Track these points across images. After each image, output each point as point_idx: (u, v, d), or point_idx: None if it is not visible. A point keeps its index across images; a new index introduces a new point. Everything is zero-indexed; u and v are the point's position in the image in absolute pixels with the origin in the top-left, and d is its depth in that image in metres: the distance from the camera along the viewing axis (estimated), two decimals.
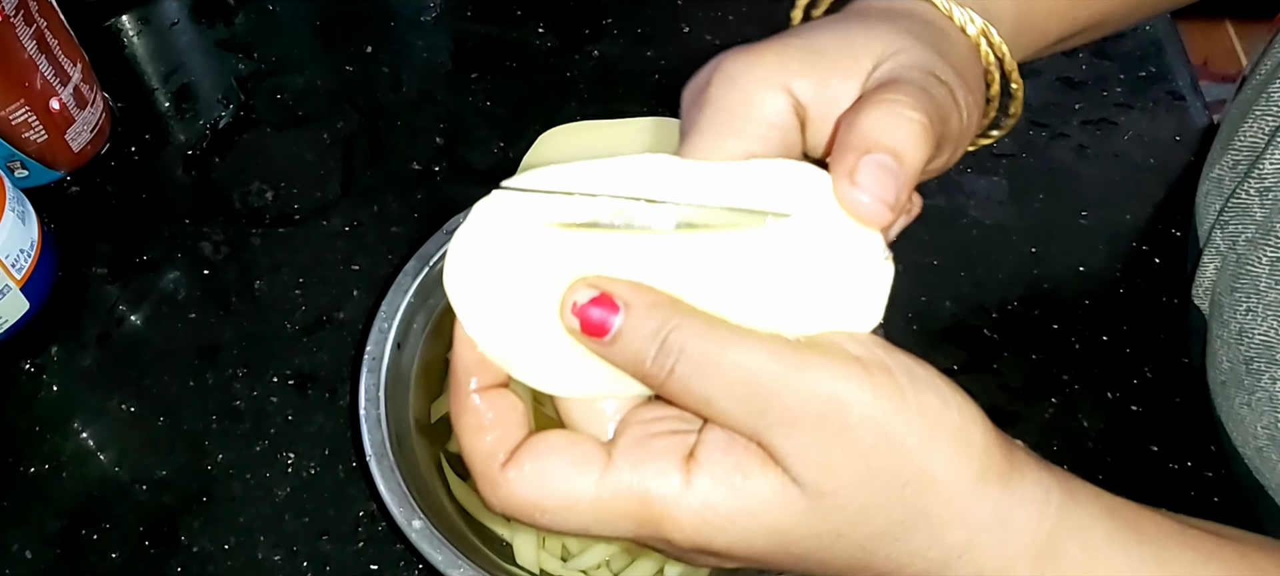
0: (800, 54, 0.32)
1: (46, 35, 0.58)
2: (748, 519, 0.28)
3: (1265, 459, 0.47)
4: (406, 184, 0.64)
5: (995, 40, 0.36)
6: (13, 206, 0.55)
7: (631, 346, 0.28)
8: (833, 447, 0.27)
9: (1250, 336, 0.47)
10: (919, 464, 0.28)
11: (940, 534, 0.28)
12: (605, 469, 0.28)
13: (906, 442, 0.27)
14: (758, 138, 0.31)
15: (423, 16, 0.72)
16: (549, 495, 0.29)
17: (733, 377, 0.27)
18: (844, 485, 0.28)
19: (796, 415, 0.27)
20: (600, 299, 0.28)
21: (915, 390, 0.28)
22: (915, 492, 0.28)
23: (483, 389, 0.30)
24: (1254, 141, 0.51)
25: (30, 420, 0.55)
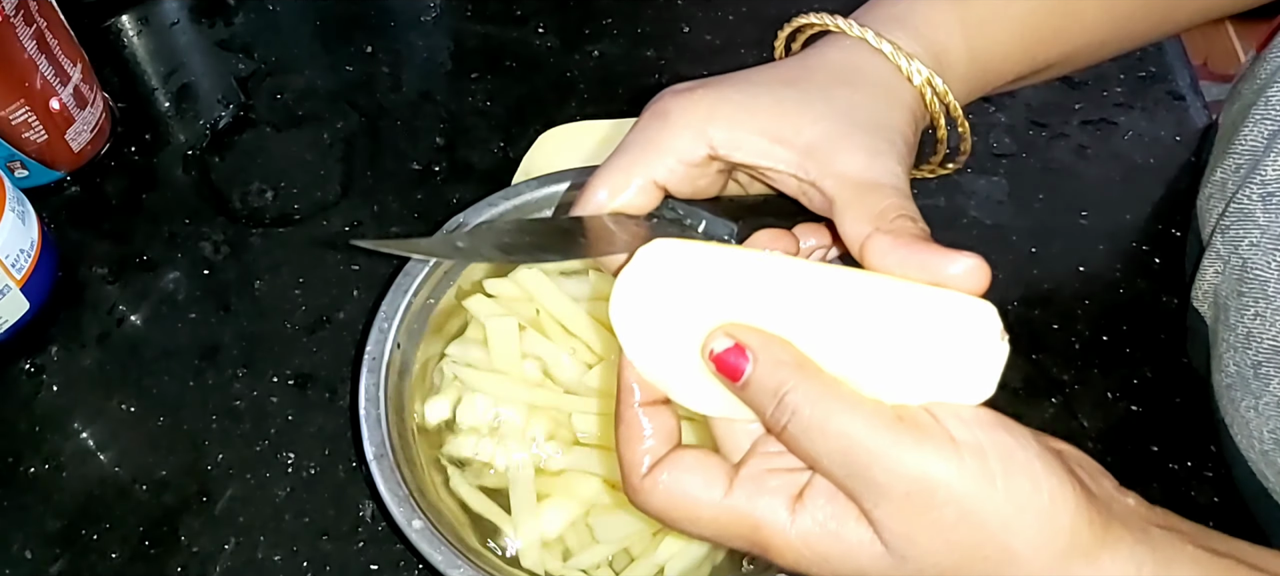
0: (733, 108, 0.37)
1: (46, 35, 0.58)
2: (840, 560, 0.32)
3: (1270, 462, 0.47)
4: (406, 184, 0.64)
5: (939, 88, 0.39)
6: (13, 206, 0.55)
7: (756, 396, 0.32)
8: (917, 521, 0.30)
9: (1259, 340, 0.47)
10: (1001, 540, 0.30)
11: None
12: (726, 492, 0.33)
13: (989, 524, 0.30)
14: (665, 170, 0.37)
15: (423, 16, 0.72)
16: (677, 505, 0.33)
17: (835, 445, 0.31)
18: (925, 553, 0.31)
19: (886, 488, 0.30)
20: (735, 348, 0.32)
21: (1006, 476, 0.30)
22: (996, 565, 0.30)
23: (645, 404, 0.34)
24: (1254, 145, 0.51)
25: (30, 420, 0.55)
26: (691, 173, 0.38)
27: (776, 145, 0.37)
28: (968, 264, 0.32)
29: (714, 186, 0.39)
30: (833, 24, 0.40)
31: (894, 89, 0.39)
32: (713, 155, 0.37)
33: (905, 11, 0.40)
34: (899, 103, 0.38)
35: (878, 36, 0.39)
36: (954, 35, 0.40)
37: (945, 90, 0.39)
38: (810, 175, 0.36)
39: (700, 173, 0.38)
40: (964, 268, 0.32)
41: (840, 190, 0.35)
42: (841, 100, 0.37)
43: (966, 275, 0.32)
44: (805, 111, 0.37)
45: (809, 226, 0.38)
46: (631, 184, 0.37)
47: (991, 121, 0.66)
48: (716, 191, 0.40)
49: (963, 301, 0.32)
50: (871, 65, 0.39)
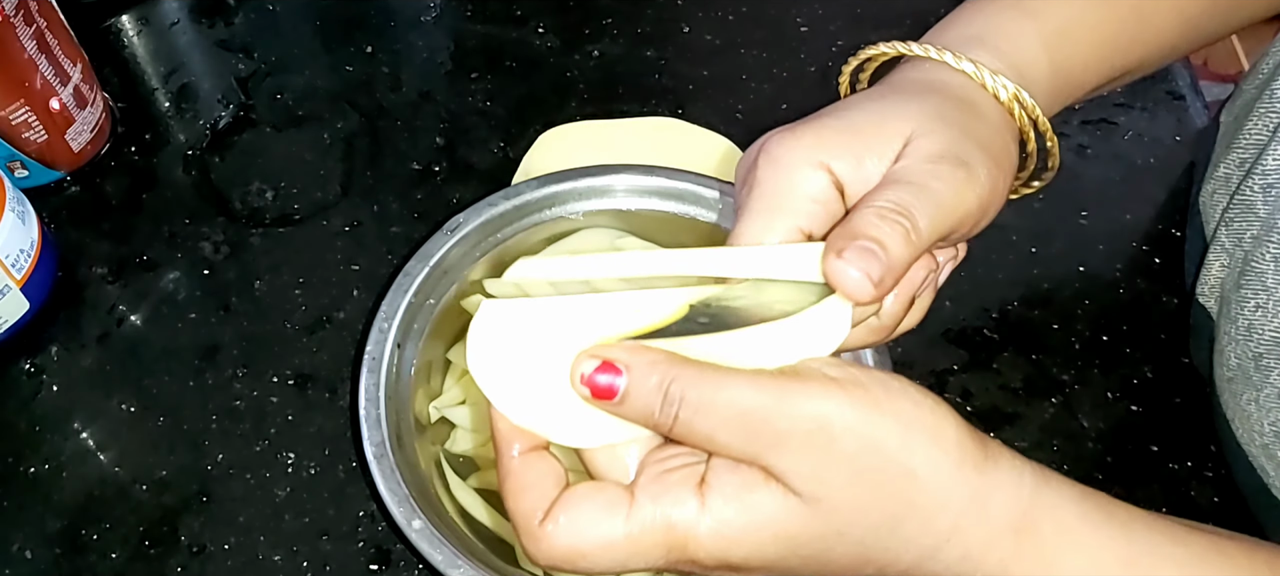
0: (837, 133, 0.36)
1: (46, 35, 0.58)
2: (758, 530, 0.31)
3: (1271, 455, 0.47)
4: (406, 184, 0.64)
5: (1027, 103, 0.38)
6: (13, 206, 0.55)
7: (639, 403, 0.31)
8: (821, 460, 0.31)
9: (1260, 333, 0.47)
10: (901, 460, 0.31)
11: (928, 520, 0.31)
12: (630, 507, 0.31)
13: (887, 444, 0.31)
14: (803, 214, 0.36)
15: (423, 16, 0.72)
16: (585, 541, 0.31)
17: (727, 414, 0.31)
18: (836, 489, 0.31)
19: (785, 436, 0.30)
20: (604, 366, 0.31)
21: (889, 398, 0.31)
22: (903, 486, 0.31)
23: (523, 453, 0.33)
24: (1258, 139, 0.51)
25: (30, 420, 0.55)
26: (828, 211, 0.36)
27: (888, 155, 0.36)
28: (833, 302, 0.32)
29: (835, 219, 0.37)
30: (906, 49, 0.39)
31: (979, 104, 0.38)
32: (838, 185, 0.36)
33: (982, 30, 0.40)
34: (985, 117, 0.38)
35: (958, 57, 0.38)
36: (1035, 51, 0.40)
37: (1033, 105, 0.38)
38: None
39: (836, 210, 0.36)
40: (830, 305, 0.32)
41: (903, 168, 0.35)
42: (935, 102, 0.37)
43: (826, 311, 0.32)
44: (902, 110, 0.36)
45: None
46: (776, 236, 0.36)
47: None
48: None
49: (796, 252, 0.33)
50: (954, 81, 0.38)
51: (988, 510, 0.32)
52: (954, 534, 0.32)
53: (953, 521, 0.31)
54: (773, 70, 0.68)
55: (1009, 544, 0.32)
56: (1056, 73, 0.40)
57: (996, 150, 0.37)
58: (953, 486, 0.31)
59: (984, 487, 0.32)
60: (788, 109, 0.66)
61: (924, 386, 0.33)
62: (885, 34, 0.72)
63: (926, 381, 0.55)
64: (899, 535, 0.31)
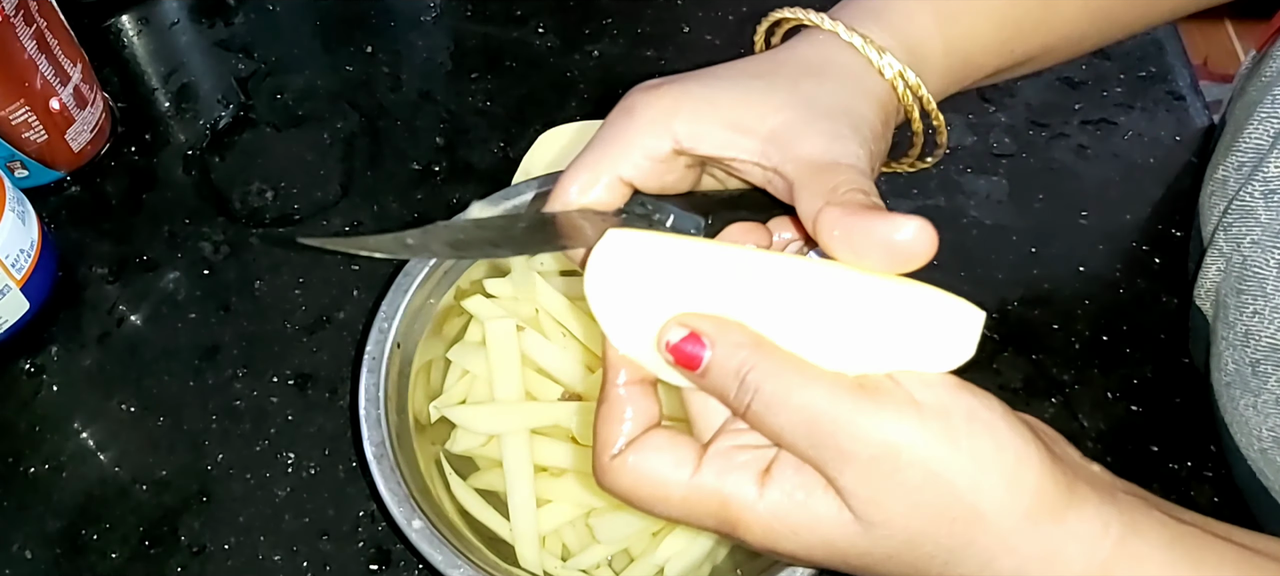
0: (695, 102, 0.37)
1: (46, 35, 0.58)
2: (808, 532, 0.31)
3: (1270, 460, 0.47)
4: (406, 184, 0.64)
5: (912, 82, 0.39)
6: (13, 206, 0.55)
7: (717, 380, 0.32)
8: (882, 485, 0.30)
9: (1257, 338, 0.47)
10: (968, 501, 0.30)
11: (988, 561, 0.31)
12: (695, 472, 0.32)
13: (956, 483, 0.30)
14: (632, 166, 0.37)
15: (423, 16, 0.72)
16: (645, 484, 0.33)
17: (798, 417, 0.31)
18: (893, 517, 0.30)
19: (850, 454, 0.30)
20: (691, 336, 0.32)
21: (970, 435, 0.30)
22: (964, 526, 0.30)
23: (629, 383, 0.34)
24: (1259, 143, 0.51)
25: (30, 420, 0.55)
26: (658, 168, 0.38)
27: (739, 135, 0.37)
28: (913, 227, 0.31)
29: (683, 181, 0.39)
30: (806, 18, 0.40)
31: (863, 81, 0.38)
32: (678, 149, 0.37)
33: (880, 6, 0.40)
34: (867, 94, 0.38)
35: (849, 30, 0.39)
36: (929, 29, 0.40)
37: (918, 83, 0.39)
38: (772, 161, 0.36)
39: (667, 168, 0.38)
40: (911, 232, 0.31)
41: (799, 172, 0.35)
42: (807, 90, 0.37)
43: (914, 240, 0.31)
44: (769, 100, 0.37)
45: (783, 220, 0.38)
46: (600, 181, 0.37)
47: (991, 121, 0.66)
48: (687, 186, 0.40)
49: (944, 299, 0.31)
50: (842, 58, 0.39)
51: (1058, 561, 0.31)
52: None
53: (1016, 566, 0.31)
54: None
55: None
56: (950, 53, 0.41)
57: (880, 118, 0.38)
58: (1021, 532, 0.30)
59: (1057, 537, 0.31)
60: None
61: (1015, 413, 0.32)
62: None
63: None
64: (954, 569, 0.31)
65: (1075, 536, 0.31)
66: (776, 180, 0.36)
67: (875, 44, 0.38)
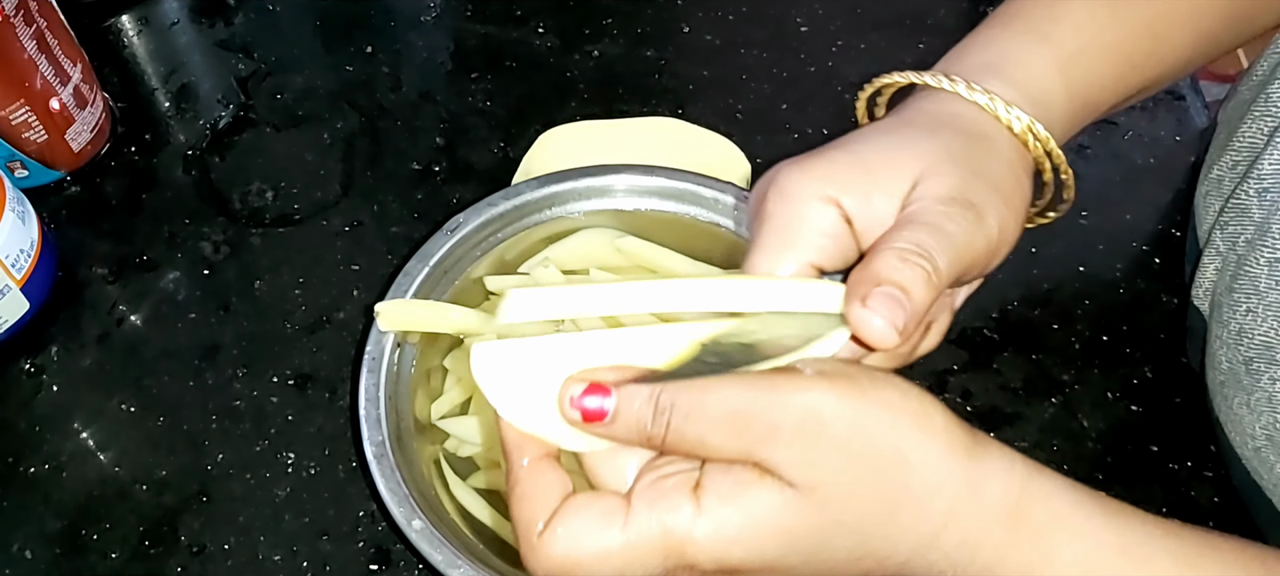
0: (846, 168, 0.36)
1: (46, 35, 0.58)
2: (755, 527, 0.31)
3: (1263, 459, 0.47)
4: (406, 184, 0.64)
5: (1041, 135, 0.38)
6: (13, 206, 0.55)
7: (629, 419, 0.32)
8: (813, 446, 0.31)
9: (1250, 337, 0.47)
10: (891, 443, 0.31)
11: (923, 505, 0.31)
12: (627, 516, 0.31)
13: (877, 429, 0.31)
14: (813, 247, 0.35)
15: (423, 16, 0.72)
16: (581, 550, 0.31)
17: (718, 413, 0.31)
18: (830, 475, 0.31)
19: (776, 428, 0.31)
20: (591, 388, 0.32)
21: (875, 387, 0.32)
22: (895, 472, 0.31)
23: (533, 461, 0.33)
24: (1253, 142, 0.51)
25: (30, 420, 0.55)
26: (838, 246, 0.36)
27: (896, 193, 0.35)
28: (879, 323, 0.32)
29: (854, 253, 0.37)
30: (919, 79, 0.39)
31: (992, 136, 0.37)
32: (847, 219, 0.35)
33: (997, 59, 0.39)
34: (997, 151, 0.37)
35: (970, 88, 0.37)
36: (1051, 77, 0.39)
37: (1047, 137, 0.38)
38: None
39: (838, 244, 0.36)
40: (876, 327, 0.32)
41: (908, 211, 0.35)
42: (945, 138, 0.36)
43: (874, 333, 0.32)
44: (911, 148, 0.36)
45: None
46: (786, 273, 0.36)
47: None
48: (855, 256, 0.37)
49: (814, 288, 0.33)
50: (968, 114, 0.38)
51: (981, 496, 0.32)
52: (950, 519, 0.32)
53: (948, 505, 0.31)
54: (773, 70, 0.68)
55: (1004, 531, 0.32)
56: (1072, 98, 0.40)
57: (1008, 189, 0.37)
58: (945, 470, 0.31)
59: (976, 473, 0.32)
60: (787, 109, 0.66)
61: (924, 387, 0.33)
62: (884, 32, 0.72)
63: (926, 381, 0.55)
64: (896, 522, 0.31)
65: (990, 473, 0.32)
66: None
67: (1001, 99, 0.37)
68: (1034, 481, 0.33)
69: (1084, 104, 0.41)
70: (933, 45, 0.69)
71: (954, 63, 0.40)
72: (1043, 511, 0.32)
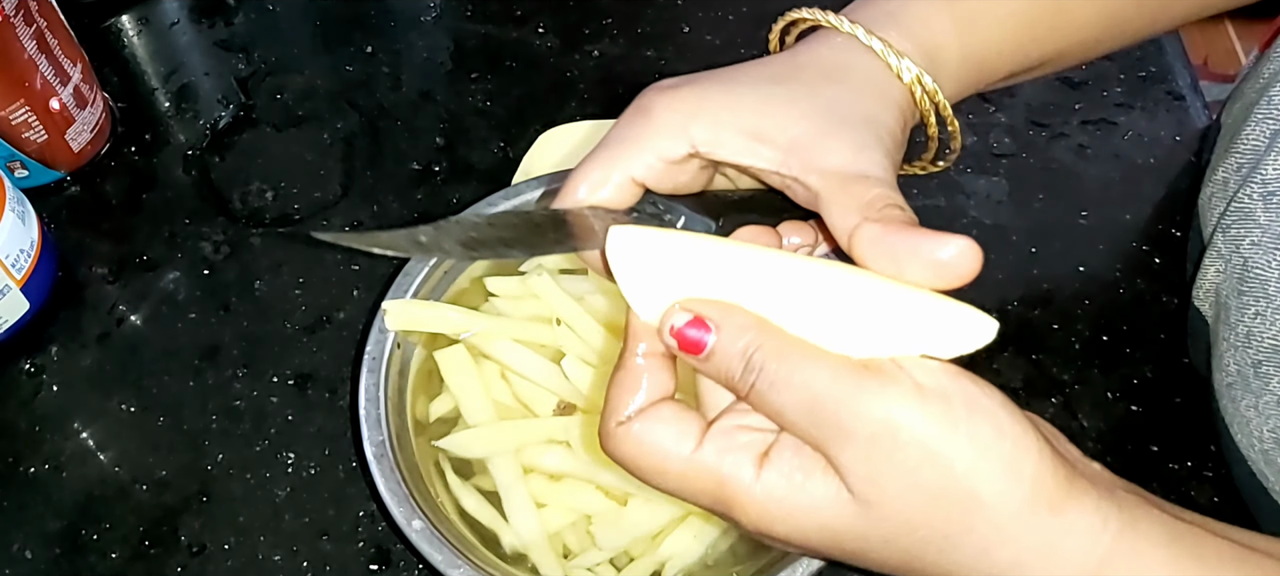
0: (715, 107, 0.37)
1: (46, 35, 0.58)
2: (803, 515, 0.31)
3: (1271, 461, 0.47)
4: (406, 184, 0.64)
5: (929, 87, 0.39)
6: (13, 206, 0.55)
7: (722, 363, 0.32)
8: (881, 464, 0.30)
9: (1259, 339, 0.47)
10: (966, 484, 0.30)
11: (986, 550, 0.31)
12: (696, 447, 0.32)
13: (954, 465, 0.30)
14: (645, 167, 0.37)
15: (423, 16, 0.72)
16: (645, 455, 0.33)
17: (800, 395, 0.31)
18: (891, 498, 0.30)
19: (850, 432, 0.30)
20: (695, 321, 0.32)
21: (970, 419, 0.30)
22: (961, 510, 0.30)
23: (649, 354, 0.34)
24: (1256, 144, 0.51)
25: (30, 420, 0.55)
26: (672, 170, 0.37)
27: (759, 144, 0.36)
28: (959, 246, 0.31)
29: (696, 182, 0.39)
30: (824, 20, 0.40)
31: (883, 86, 0.38)
32: (694, 153, 0.37)
33: (897, 8, 0.40)
34: (887, 99, 0.38)
35: (868, 33, 0.39)
36: (946, 32, 0.40)
37: (935, 89, 0.39)
38: (793, 171, 0.36)
39: (681, 169, 0.38)
40: (955, 250, 0.31)
41: (825, 184, 0.35)
42: (827, 96, 0.37)
43: (959, 258, 0.31)
44: (790, 108, 0.37)
45: (794, 223, 0.38)
46: (611, 180, 0.37)
47: (991, 121, 0.66)
48: (700, 187, 0.40)
49: (956, 307, 0.31)
50: (861, 62, 0.39)
51: (1057, 553, 0.31)
52: (1014, 570, 0.31)
53: (1014, 557, 0.31)
54: None
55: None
56: (966, 59, 0.41)
57: (897, 122, 0.38)
58: (1020, 522, 0.30)
59: (1056, 530, 0.30)
60: None
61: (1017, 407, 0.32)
62: None
63: None
64: (951, 555, 0.31)
65: (1073, 529, 0.31)
66: (797, 188, 0.36)
67: (894, 48, 0.38)
68: (1126, 539, 0.31)
69: (979, 66, 0.42)
70: None
71: (859, 9, 0.41)
72: (1126, 572, 0.31)
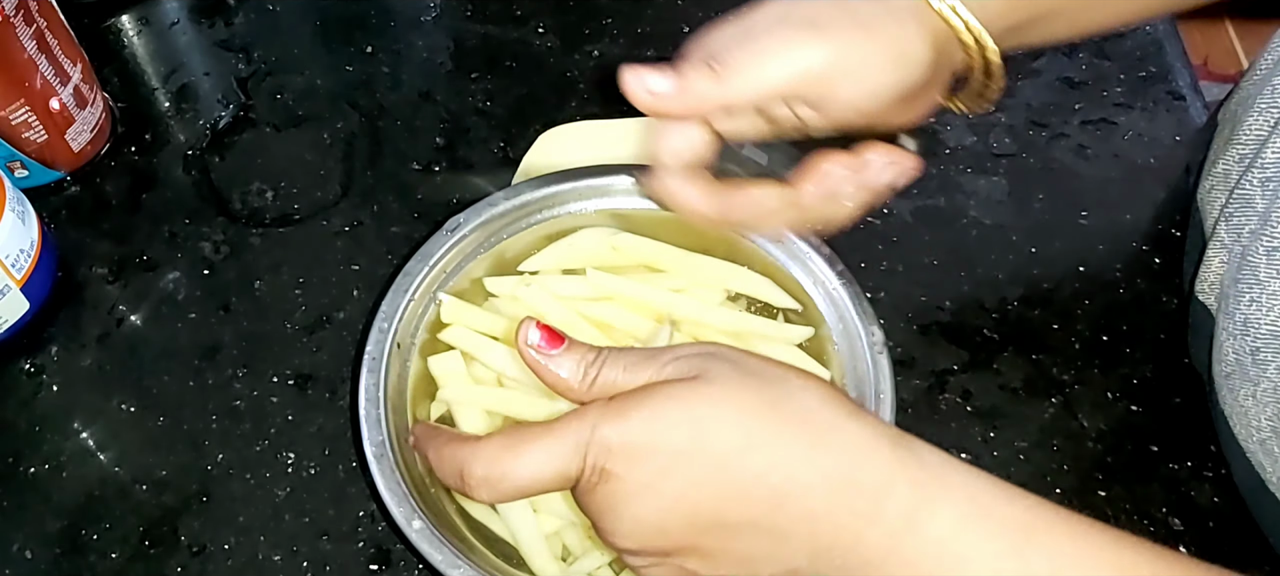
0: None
1: (46, 35, 0.58)
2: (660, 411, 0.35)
3: (1268, 451, 0.47)
4: (406, 184, 0.64)
5: (961, 13, 0.41)
6: (13, 206, 0.55)
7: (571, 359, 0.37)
8: (706, 356, 0.36)
9: (1256, 327, 0.47)
10: (778, 370, 0.36)
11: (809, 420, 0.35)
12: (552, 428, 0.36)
13: (766, 366, 0.36)
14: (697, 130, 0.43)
15: (423, 16, 0.72)
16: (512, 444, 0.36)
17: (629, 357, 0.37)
18: (721, 369, 0.35)
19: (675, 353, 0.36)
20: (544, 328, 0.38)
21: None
22: (785, 384, 0.35)
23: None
24: (1258, 134, 0.51)
25: (30, 420, 0.55)
26: (737, 121, 0.41)
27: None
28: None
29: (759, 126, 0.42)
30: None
31: (917, 11, 0.40)
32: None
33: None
34: (889, 8, 0.40)
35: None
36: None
37: (968, 17, 0.40)
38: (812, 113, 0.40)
39: (744, 120, 0.41)
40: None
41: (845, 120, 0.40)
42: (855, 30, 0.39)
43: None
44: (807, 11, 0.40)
45: (870, 144, 0.40)
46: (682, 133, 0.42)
47: (991, 121, 0.66)
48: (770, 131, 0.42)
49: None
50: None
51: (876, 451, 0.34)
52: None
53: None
54: None
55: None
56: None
57: (879, 31, 0.39)
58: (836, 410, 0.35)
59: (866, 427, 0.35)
60: None
61: (924, 385, 0.33)
62: None
63: (926, 381, 0.55)
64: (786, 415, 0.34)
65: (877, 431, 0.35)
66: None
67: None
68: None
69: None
70: None
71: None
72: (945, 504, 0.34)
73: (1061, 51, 0.69)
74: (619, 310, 0.50)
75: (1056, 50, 0.69)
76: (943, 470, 0.34)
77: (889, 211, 0.62)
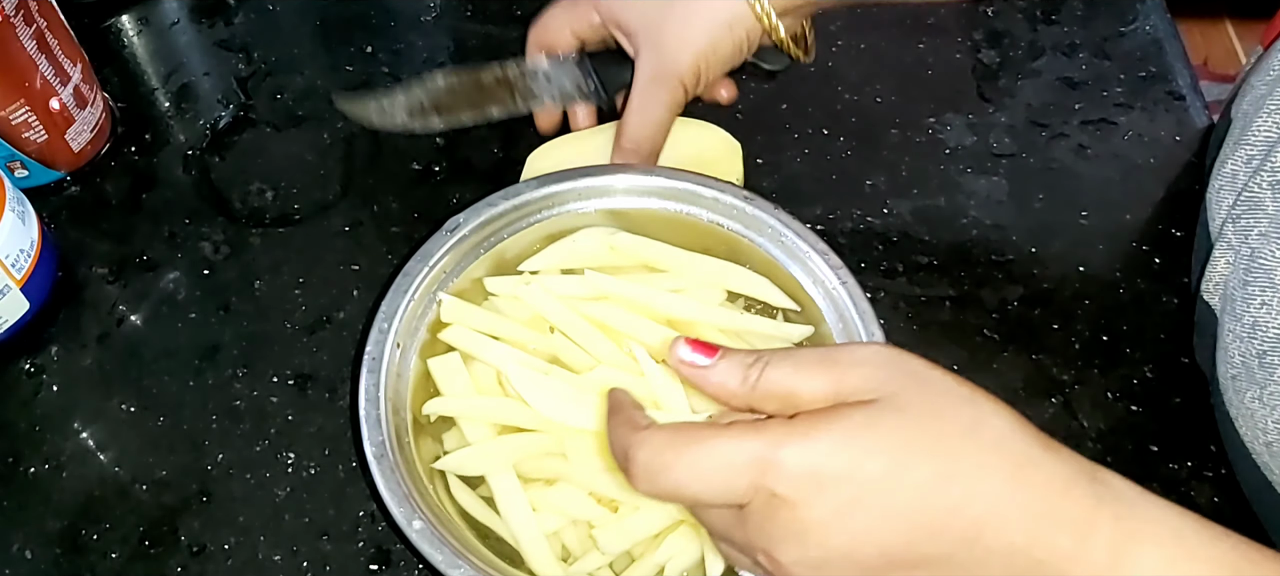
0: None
1: (46, 35, 0.58)
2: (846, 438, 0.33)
3: (1275, 454, 0.47)
4: (406, 184, 0.64)
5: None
6: (13, 206, 0.55)
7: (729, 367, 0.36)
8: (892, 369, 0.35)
9: (1265, 330, 0.47)
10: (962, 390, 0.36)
11: (1001, 444, 0.34)
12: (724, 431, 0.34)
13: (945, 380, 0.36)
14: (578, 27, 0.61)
15: (423, 16, 0.72)
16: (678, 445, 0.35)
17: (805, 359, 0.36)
18: (907, 389, 0.34)
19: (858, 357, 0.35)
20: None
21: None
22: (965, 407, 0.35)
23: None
24: (1268, 135, 0.51)
25: (30, 420, 0.55)
26: (595, 31, 0.58)
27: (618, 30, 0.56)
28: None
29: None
30: None
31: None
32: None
33: None
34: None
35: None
36: None
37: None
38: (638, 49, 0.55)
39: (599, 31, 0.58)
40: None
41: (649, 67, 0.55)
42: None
43: None
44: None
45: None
46: (562, 34, 0.59)
47: (991, 121, 0.66)
48: None
49: None
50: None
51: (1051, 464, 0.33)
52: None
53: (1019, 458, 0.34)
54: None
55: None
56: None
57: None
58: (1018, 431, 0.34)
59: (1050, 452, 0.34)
60: (787, 109, 0.66)
61: None
62: (884, 32, 0.72)
63: None
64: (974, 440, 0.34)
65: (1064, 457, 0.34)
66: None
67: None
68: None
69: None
70: (932, 45, 0.69)
71: None
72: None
73: (1061, 51, 0.69)
74: (619, 310, 0.50)
75: (1056, 50, 0.69)
76: (1143, 506, 0.33)
77: (889, 211, 0.62)
